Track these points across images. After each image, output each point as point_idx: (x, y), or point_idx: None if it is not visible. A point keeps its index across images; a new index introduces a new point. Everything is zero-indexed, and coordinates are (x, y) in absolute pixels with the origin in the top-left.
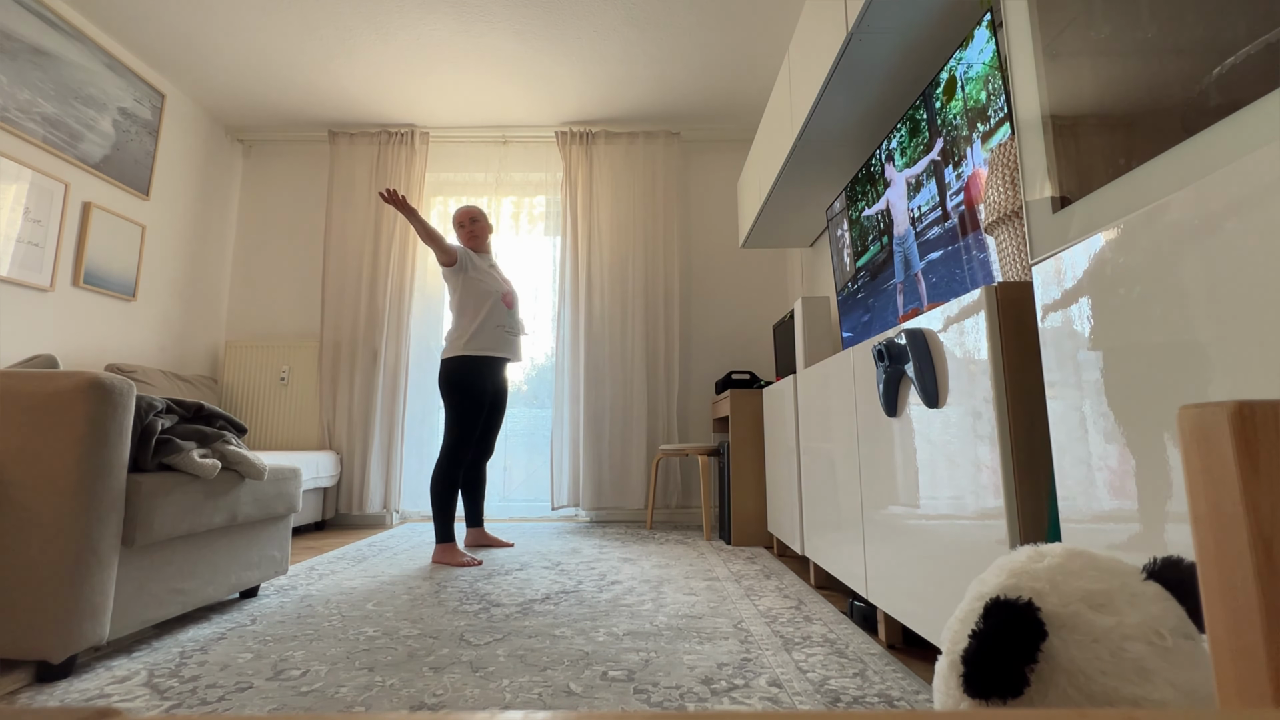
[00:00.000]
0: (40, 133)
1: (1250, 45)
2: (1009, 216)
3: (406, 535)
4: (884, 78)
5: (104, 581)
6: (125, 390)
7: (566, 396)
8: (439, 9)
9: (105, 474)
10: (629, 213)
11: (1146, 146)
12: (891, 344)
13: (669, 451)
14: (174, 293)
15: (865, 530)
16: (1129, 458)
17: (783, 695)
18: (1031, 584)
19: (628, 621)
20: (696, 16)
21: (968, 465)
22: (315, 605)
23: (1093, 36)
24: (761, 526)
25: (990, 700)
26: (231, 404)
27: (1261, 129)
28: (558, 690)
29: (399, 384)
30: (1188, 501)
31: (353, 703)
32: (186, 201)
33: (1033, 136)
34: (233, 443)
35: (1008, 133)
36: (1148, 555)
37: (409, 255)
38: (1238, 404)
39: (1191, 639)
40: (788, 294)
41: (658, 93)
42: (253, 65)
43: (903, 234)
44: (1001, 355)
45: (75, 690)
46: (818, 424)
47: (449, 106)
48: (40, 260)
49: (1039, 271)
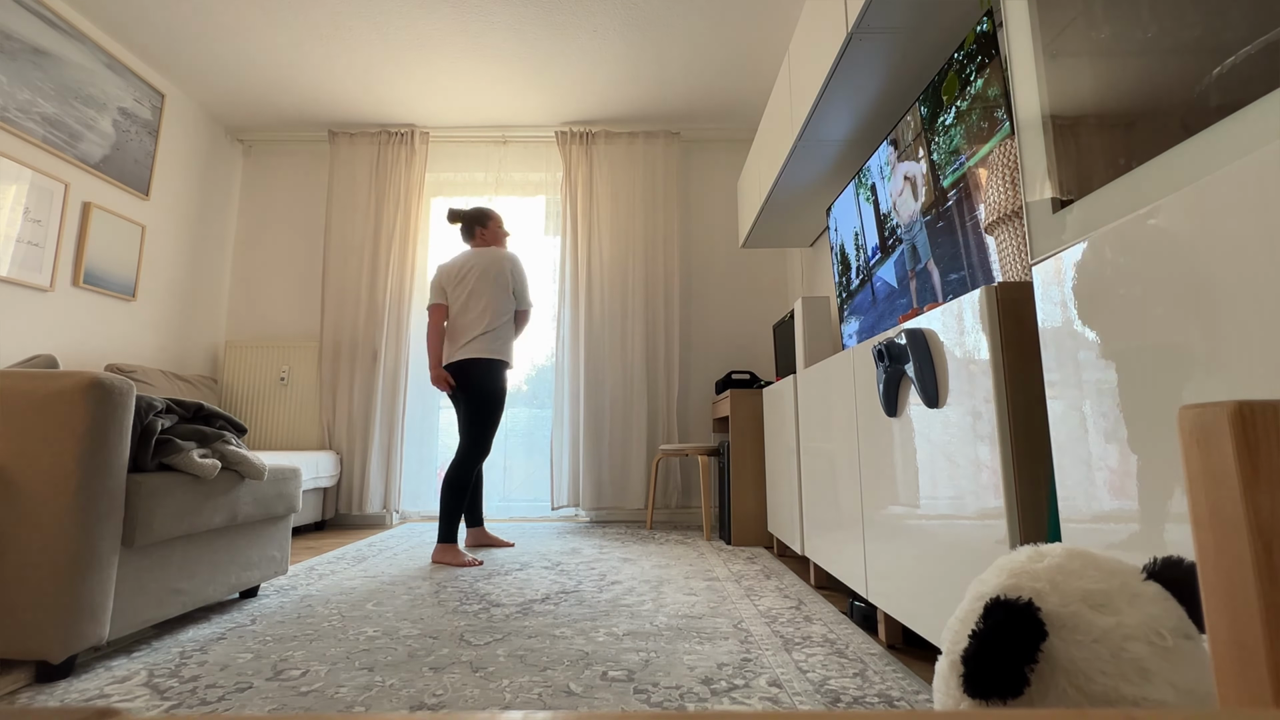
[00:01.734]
0: (40, 132)
1: (1250, 45)
2: (1009, 216)
3: (406, 535)
4: (884, 78)
5: (104, 581)
6: (125, 390)
7: (566, 396)
8: (439, 9)
9: (105, 474)
10: (629, 213)
11: (1146, 147)
12: (891, 344)
13: (669, 451)
14: (174, 293)
15: (865, 530)
16: (1129, 458)
17: (783, 695)
18: (1031, 584)
19: (628, 622)
20: (697, 16)
21: (968, 465)
22: (315, 605)
23: (1093, 36)
24: (761, 526)
25: (990, 700)
26: (231, 404)
27: (1261, 129)
28: (558, 690)
29: (399, 384)
30: (1188, 502)
31: (353, 703)
32: (186, 201)
33: (1033, 136)
34: (232, 443)
35: (1007, 132)
36: (1148, 555)
37: (409, 255)
38: (1238, 404)
39: (1191, 639)
40: (788, 294)
41: (658, 93)
42: (253, 65)
43: (902, 234)
44: (1001, 355)
45: (75, 690)
46: (818, 424)
47: (449, 106)
48: (40, 260)
49: (1039, 271)
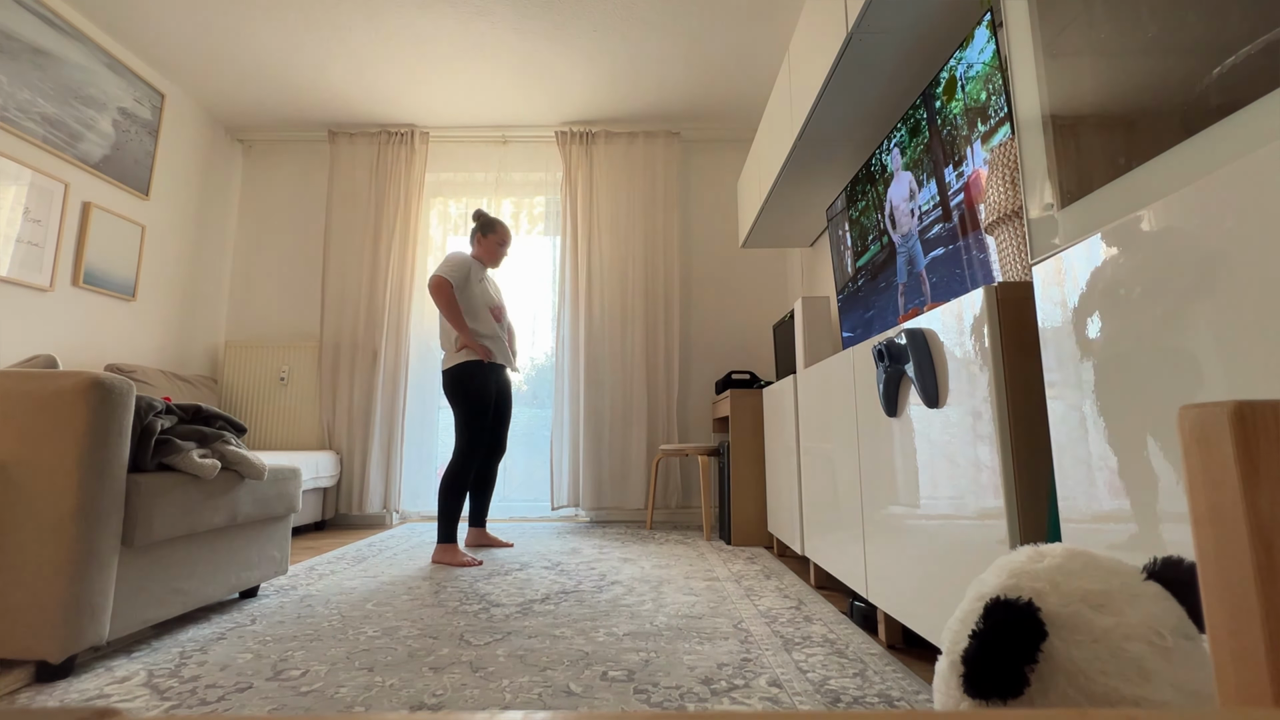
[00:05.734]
0: (40, 133)
1: (1250, 45)
2: (1009, 216)
3: (406, 535)
4: (884, 78)
5: (104, 581)
6: (125, 390)
7: (566, 396)
8: (439, 8)
9: (105, 474)
10: (629, 213)
11: (1146, 146)
12: (892, 344)
13: (669, 451)
14: (174, 293)
15: (865, 530)
16: (1129, 458)
17: (783, 695)
18: (1031, 584)
19: (628, 622)
20: (697, 16)
21: (968, 465)
22: (315, 605)
23: (1093, 36)
24: (761, 526)
25: (990, 700)
26: (231, 404)
27: (1261, 129)
28: (558, 690)
29: (399, 384)
30: (1188, 501)
31: (353, 703)
32: (186, 201)
33: (1033, 136)
34: (232, 443)
35: (1008, 133)
36: (1148, 555)
37: (409, 255)
38: (1238, 404)
39: (1191, 639)
40: (788, 294)
41: (658, 93)
42: (253, 65)
43: (903, 234)
44: (1001, 355)
45: (75, 690)
46: (818, 424)
47: (449, 106)
48: (40, 260)
49: (1039, 271)
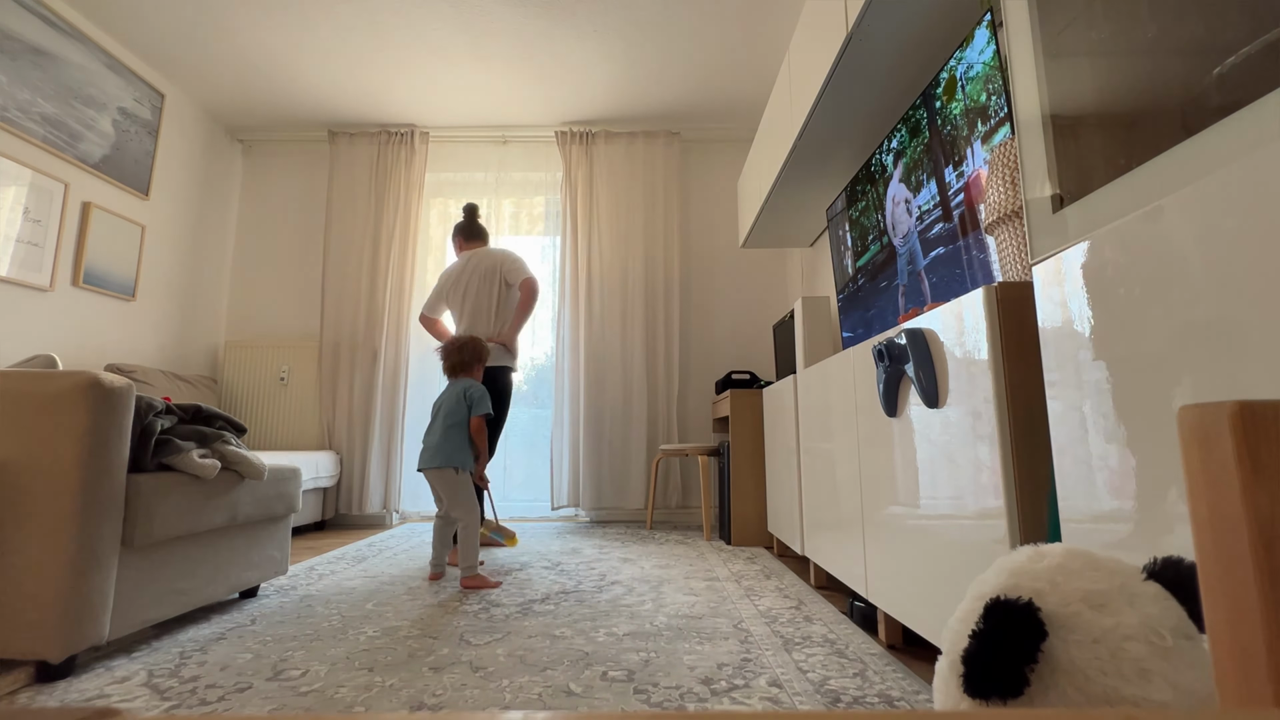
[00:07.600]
0: (40, 132)
1: (1250, 45)
2: (1009, 216)
3: (406, 535)
4: (884, 78)
5: (104, 581)
6: (125, 390)
7: (566, 396)
8: (439, 8)
9: (105, 474)
10: (629, 213)
11: (1146, 146)
12: (891, 344)
13: (669, 451)
14: (174, 293)
15: (865, 530)
16: (1129, 458)
17: (783, 695)
18: (1031, 584)
19: (628, 622)
20: (697, 16)
21: (968, 465)
22: (315, 605)
23: (1093, 36)
24: (761, 526)
25: (990, 700)
26: (231, 404)
27: (1261, 129)
28: (558, 690)
29: (399, 384)
30: (1188, 502)
31: (353, 703)
32: (186, 201)
33: (1033, 136)
34: (232, 443)
35: (1008, 133)
36: (1148, 555)
37: (409, 255)
38: (1238, 404)
39: (1191, 639)
40: (788, 294)
41: (658, 93)
42: (252, 65)
43: (903, 234)
44: (1001, 355)
45: (75, 690)
46: (818, 424)
47: (449, 106)
48: (40, 260)
49: (1039, 271)
